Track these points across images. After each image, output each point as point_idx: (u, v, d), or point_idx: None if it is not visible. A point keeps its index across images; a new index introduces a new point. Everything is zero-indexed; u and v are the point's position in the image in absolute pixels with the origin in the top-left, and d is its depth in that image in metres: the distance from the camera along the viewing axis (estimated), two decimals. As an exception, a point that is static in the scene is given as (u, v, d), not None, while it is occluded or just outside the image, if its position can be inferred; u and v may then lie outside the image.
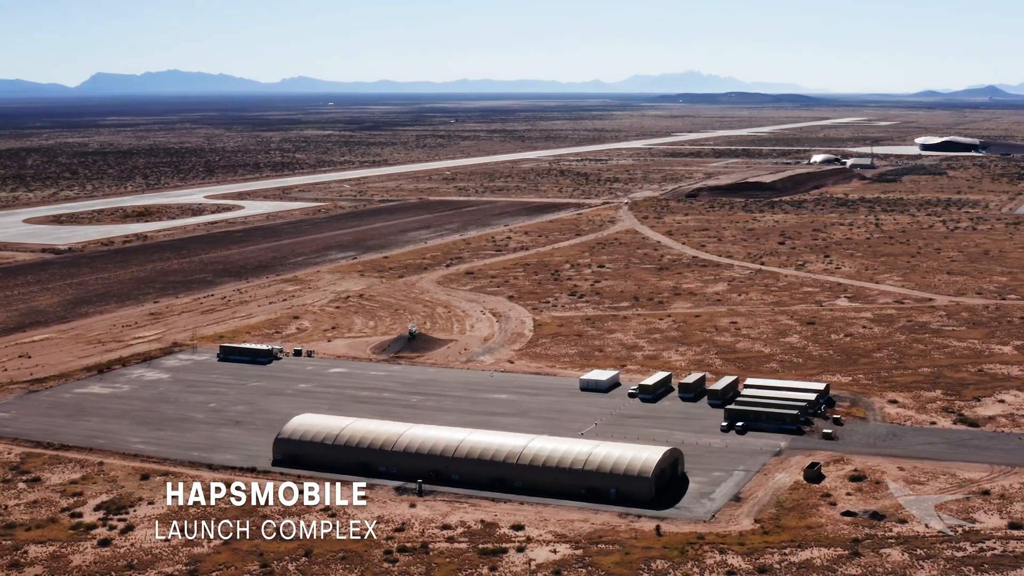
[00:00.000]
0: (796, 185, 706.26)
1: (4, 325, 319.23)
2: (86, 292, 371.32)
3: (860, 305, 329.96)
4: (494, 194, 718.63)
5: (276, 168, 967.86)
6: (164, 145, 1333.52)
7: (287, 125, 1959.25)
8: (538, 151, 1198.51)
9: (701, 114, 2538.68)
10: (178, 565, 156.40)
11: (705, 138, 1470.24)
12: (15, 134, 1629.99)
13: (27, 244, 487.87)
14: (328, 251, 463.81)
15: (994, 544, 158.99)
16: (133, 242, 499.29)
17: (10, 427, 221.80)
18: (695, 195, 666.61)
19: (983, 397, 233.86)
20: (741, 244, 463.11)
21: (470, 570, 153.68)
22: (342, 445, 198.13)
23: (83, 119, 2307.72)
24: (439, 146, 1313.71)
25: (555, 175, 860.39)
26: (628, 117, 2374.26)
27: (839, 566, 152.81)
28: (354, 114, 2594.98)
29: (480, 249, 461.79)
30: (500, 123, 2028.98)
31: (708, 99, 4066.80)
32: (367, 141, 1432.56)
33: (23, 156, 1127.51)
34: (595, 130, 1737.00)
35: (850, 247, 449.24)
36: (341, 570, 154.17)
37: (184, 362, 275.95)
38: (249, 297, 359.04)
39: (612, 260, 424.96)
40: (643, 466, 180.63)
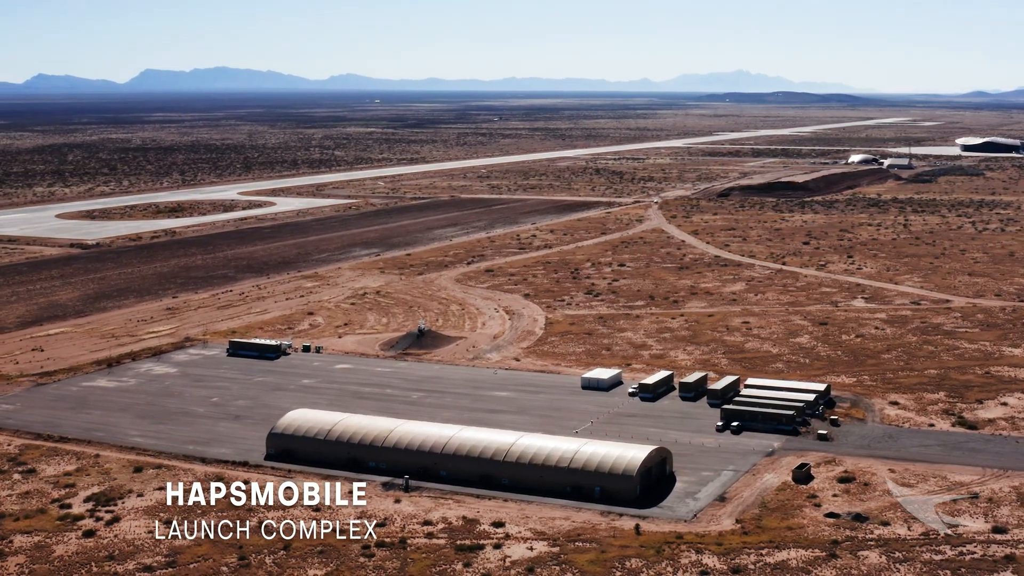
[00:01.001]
0: (829, 185, 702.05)
1: (22, 319, 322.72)
2: (107, 287, 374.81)
3: (876, 306, 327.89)
4: (526, 192, 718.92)
5: (313, 165, 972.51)
6: (206, 141, 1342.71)
7: (331, 122, 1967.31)
8: (577, 149, 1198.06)
9: (746, 113, 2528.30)
10: (157, 556, 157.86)
11: (746, 137, 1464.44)
12: (60, 130, 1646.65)
13: (56, 239, 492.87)
14: (352, 248, 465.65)
15: (974, 548, 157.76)
16: (161, 238, 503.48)
17: (13, 419, 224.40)
18: (726, 194, 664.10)
19: (986, 400, 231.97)
20: (765, 244, 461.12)
21: (444, 566, 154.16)
22: (333, 441, 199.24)
23: (130, 115, 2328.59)
24: (479, 144, 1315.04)
25: (590, 173, 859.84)
26: (672, 116, 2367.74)
27: (814, 568, 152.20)
28: (399, 112, 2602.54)
29: (503, 247, 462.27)
30: (543, 121, 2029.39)
31: (755, 98, 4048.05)
32: (408, 139, 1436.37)
33: (65, 152, 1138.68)
34: (637, 129, 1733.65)
35: (875, 248, 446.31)
36: (317, 564, 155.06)
37: (193, 357, 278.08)
38: (267, 293, 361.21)
39: (633, 259, 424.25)
40: (628, 465, 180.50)
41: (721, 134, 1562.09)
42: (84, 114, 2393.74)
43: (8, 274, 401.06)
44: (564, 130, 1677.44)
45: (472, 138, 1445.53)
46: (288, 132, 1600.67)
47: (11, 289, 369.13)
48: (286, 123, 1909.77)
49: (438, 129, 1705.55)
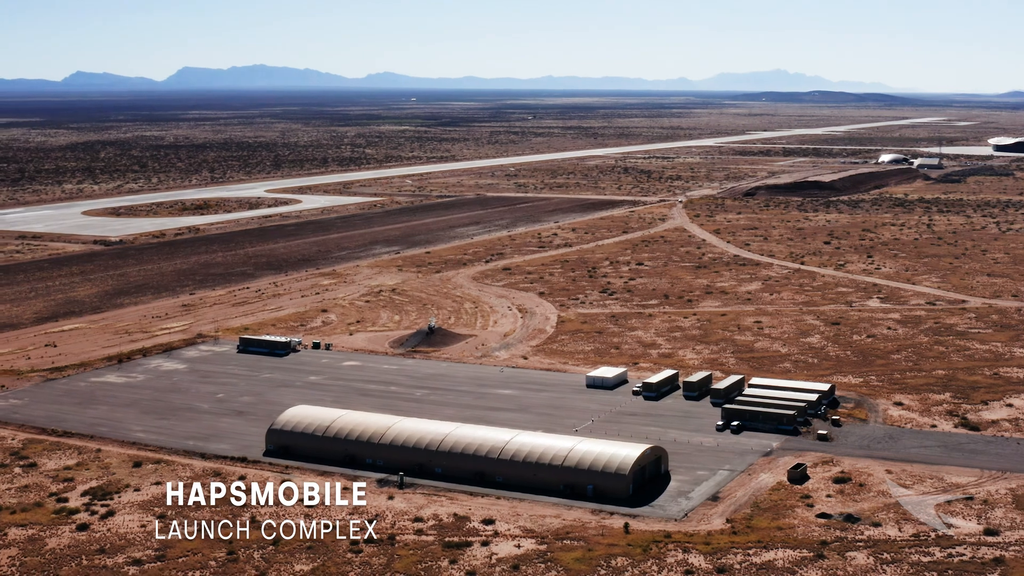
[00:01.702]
0: (856, 185, 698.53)
1: (39, 315, 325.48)
2: (126, 283, 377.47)
3: (890, 306, 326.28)
4: (553, 191, 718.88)
5: (343, 163, 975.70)
6: (239, 139, 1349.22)
7: (365, 120, 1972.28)
8: (608, 148, 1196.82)
9: (781, 112, 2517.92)
10: (147, 550, 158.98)
11: (778, 136, 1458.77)
12: (96, 127, 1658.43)
13: (80, 236, 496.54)
14: (373, 246, 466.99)
15: (964, 550, 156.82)
16: (184, 235, 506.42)
17: (19, 414, 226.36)
18: (752, 194, 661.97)
19: (992, 401, 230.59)
20: (786, 243, 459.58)
21: (430, 562, 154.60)
22: (331, 437, 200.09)
23: (166, 113, 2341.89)
24: (511, 142, 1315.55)
25: (618, 172, 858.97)
26: (707, 115, 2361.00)
27: (800, 568, 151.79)
28: (434, 110, 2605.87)
29: (523, 245, 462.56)
30: (577, 120, 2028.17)
31: (791, 98, 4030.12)
32: (440, 137, 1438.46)
33: (98, 149, 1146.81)
34: (670, 128, 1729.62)
35: (896, 248, 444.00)
36: (304, 560, 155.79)
37: (204, 353, 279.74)
38: (283, 290, 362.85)
39: (652, 258, 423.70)
40: (621, 464, 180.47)
41: (754, 133, 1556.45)
42: (121, 111, 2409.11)
43: (29, 270, 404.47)
44: (597, 129, 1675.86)
45: (504, 136, 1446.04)
46: (321, 130, 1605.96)
47: (30, 285, 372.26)
48: (320, 121, 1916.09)
49: (471, 127, 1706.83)
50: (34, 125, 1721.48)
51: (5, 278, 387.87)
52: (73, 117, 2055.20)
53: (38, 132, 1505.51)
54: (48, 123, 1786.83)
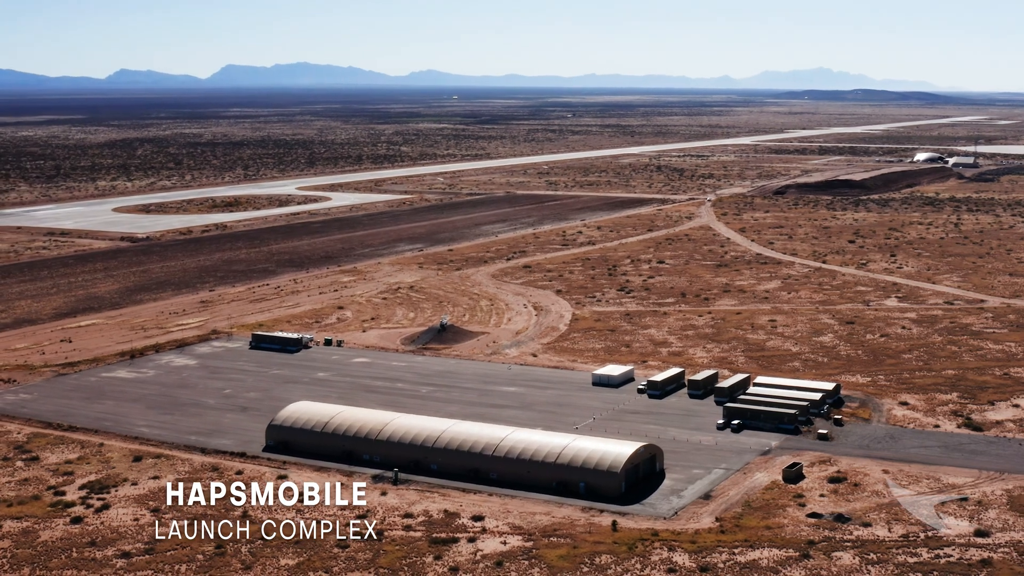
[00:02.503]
0: (887, 183, 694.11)
1: (58, 311, 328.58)
2: (147, 280, 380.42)
3: (908, 305, 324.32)
4: (583, 189, 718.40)
5: (377, 161, 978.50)
6: (277, 137, 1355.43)
7: (405, 118, 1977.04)
8: (644, 146, 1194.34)
9: (821, 111, 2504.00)
10: (137, 544, 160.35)
11: (816, 135, 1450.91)
12: (136, 124, 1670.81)
13: (107, 232, 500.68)
14: (397, 243, 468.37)
15: (952, 551, 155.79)
16: (211, 232, 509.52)
17: (28, 408, 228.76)
18: (782, 192, 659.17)
19: (999, 401, 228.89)
20: (811, 242, 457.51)
21: (415, 558, 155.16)
22: (329, 433, 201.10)
23: (208, 111, 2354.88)
24: (547, 140, 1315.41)
25: (651, 170, 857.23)
26: (748, 113, 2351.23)
27: (784, 568, 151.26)
28: (475, 108, 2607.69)
29: (547, 243, 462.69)
30: (616, 118, 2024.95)
31: (834, 96, 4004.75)
32: (477, 135, 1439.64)
33: (135, 146, 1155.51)
34: (708, 126, 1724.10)
35: (920, 247, 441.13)
36: (291, 554, 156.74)
37: (216, 349, 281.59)
38: (302, 287, 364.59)
39: (674, 256, 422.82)
40: (613, 461, 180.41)
41: (791, 131, 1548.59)
42: (163, 109, 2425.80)
43: (53, 266, 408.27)
44: (635, 127, 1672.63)
45: (541, 135, 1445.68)
46: (360, 128, 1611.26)
47: (53, 281, 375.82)
48: (360, 119, 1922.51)
49: (509, 125, 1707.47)
50: (75, 123, 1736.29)
51: (29, 274, 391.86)
52: (114, 115, 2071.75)
53: (78, 129, 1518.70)
54: (89, 121, 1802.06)
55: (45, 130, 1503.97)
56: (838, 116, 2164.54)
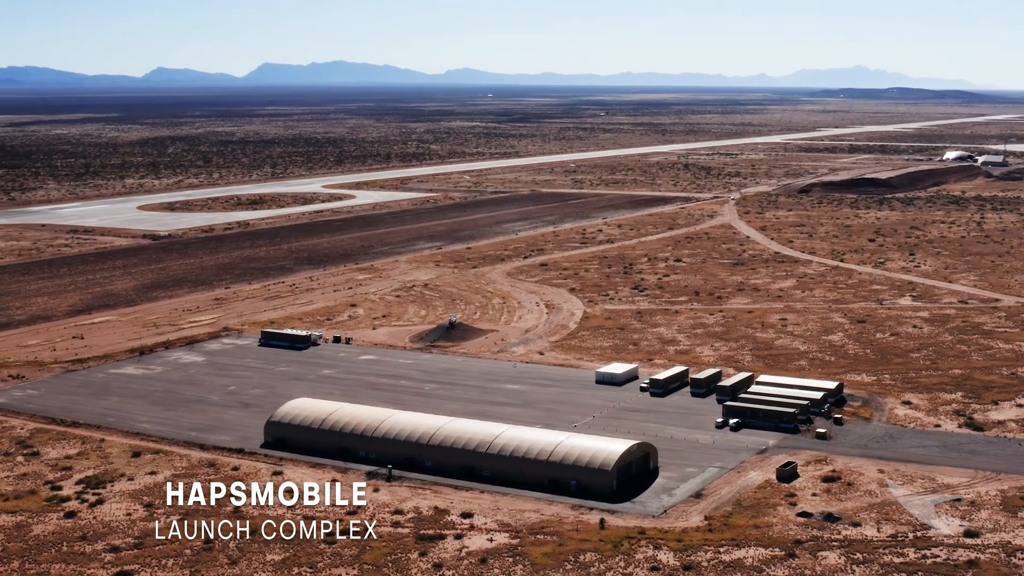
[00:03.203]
0: (913, 182, 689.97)
1: (73, 307, 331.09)
2: (164, 277, 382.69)
3: (921, 304, 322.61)
4: (608, 187, 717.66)
5: (405, 159, 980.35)
6: (308, 135, 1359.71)
7: (438, 116, 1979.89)
8: (674, 145, 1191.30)
9: (855, 109, 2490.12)
10: (127, 538, 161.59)
11: (848, 133, 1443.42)
12: (170, 123, 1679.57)
13: (129, 230, 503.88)
14: (417, 241, 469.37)
15: (939, 551, 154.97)
16: (233, 230, 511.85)
17: (33, 404, 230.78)
18: (807, 191, 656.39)
19: (1003, 401, 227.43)
20: (831, 241, 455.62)
21: (400, 555, 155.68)
22: (327, 430, 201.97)
23: (242, 109, 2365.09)
24: (577, 139, 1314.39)
25: (678, 169, 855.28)
26: (781, 111, 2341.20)
27: (768, 567, 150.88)
28: (508, 106, 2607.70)
29: (566, 241, 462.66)
30: (649, 116, 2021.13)
31: (870, 94, 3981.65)
32: (508, 133, 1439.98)
33: (167, 144, 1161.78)
34: (741, 124, 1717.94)
35: (940, 245, 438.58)
36: (278, 549, 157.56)
37: (226, 346, 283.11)
38: (317, 285, 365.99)
39: (692, 254, 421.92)
40: (604, 459, 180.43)
41: (824, 130, 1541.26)
42: (198, 107, 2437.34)
43: (73, 264, 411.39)
44: (667, 125, 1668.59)
45: (572, 133, 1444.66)
46: (392, 126, 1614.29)
47: (71, 279, 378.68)
48: (392, 117, 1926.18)
49: (541, 124, 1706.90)
50: (109, 121, 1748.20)
51: (49, 271, 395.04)
52: (150, 113, 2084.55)
53: (112, 128, 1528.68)
54: (124, 119, 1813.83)
55: (79, 128, 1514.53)
56: (871, 114, 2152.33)
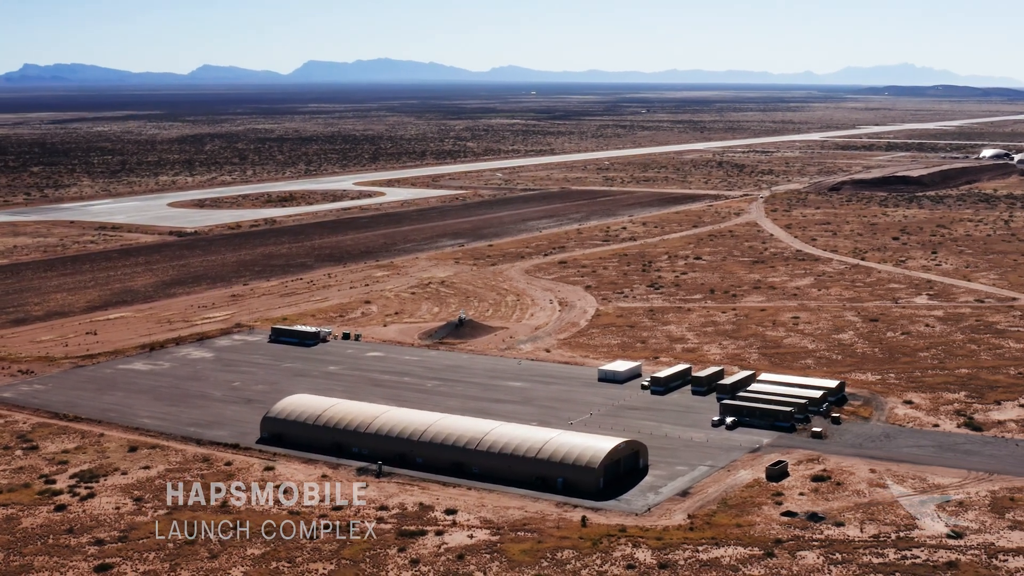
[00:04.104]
0: (946, 180, 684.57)
1: (91, 303, 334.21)
2: (185, 274, 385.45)
3: (936, 303, 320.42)
4: (639, 184, 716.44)
5: (440, 156, 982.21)
6: (347, 132, 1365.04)
7: (479, 114, 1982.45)
8: (711, 142, 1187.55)
9: (898, 107, 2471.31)
10: (112, 532, 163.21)
11: (887, 131, 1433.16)
12: (211, 120, 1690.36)
13: (157, 227, 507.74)
14: (440, 238, 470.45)
15: (920, 552, 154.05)
16: (260, 226, 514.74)
17: (38, 398, 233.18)
18: (837, 189, 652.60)
19: (1006, 401, 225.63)
20: (855, 239, 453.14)
21: (379, 550, 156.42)
22: (321, 426, 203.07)
23: (285, 106, 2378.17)
24: (615, 136, 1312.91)
25: (712, 167, 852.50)
26: (824, 109, 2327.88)
27: (745, 566, 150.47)
28: (551, 103, 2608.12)
29: (588, 239, 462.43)
30: (690, 114, 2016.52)
31: (914, 92, 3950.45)
32: (546, 130, 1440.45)
33: (205, 141, 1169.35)
34: (781, 122, 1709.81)
35: (964, 244, 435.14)
36: (259, 544, 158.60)
37: (235, 342, 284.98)
38: (335, 282, 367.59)
39: (713, 252, 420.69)
40: (591, 457, 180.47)
41: (863, 128, 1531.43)
42: (242, 104, 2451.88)
43: (96, 260, 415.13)
44: (707, 123, 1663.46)
45: (610, 130, 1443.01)
46: (432, 123, 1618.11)
47: (92, 275, 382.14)
48: (434, 115, 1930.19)
49: (581, 121, 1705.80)
50: (152, 118, 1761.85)
51: (72, 268, 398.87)
52: (192, 110, 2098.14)
53: (153, 125, 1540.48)
54: (166, 116, 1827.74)
55: (121, 125, 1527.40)
56: (914, 112, 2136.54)
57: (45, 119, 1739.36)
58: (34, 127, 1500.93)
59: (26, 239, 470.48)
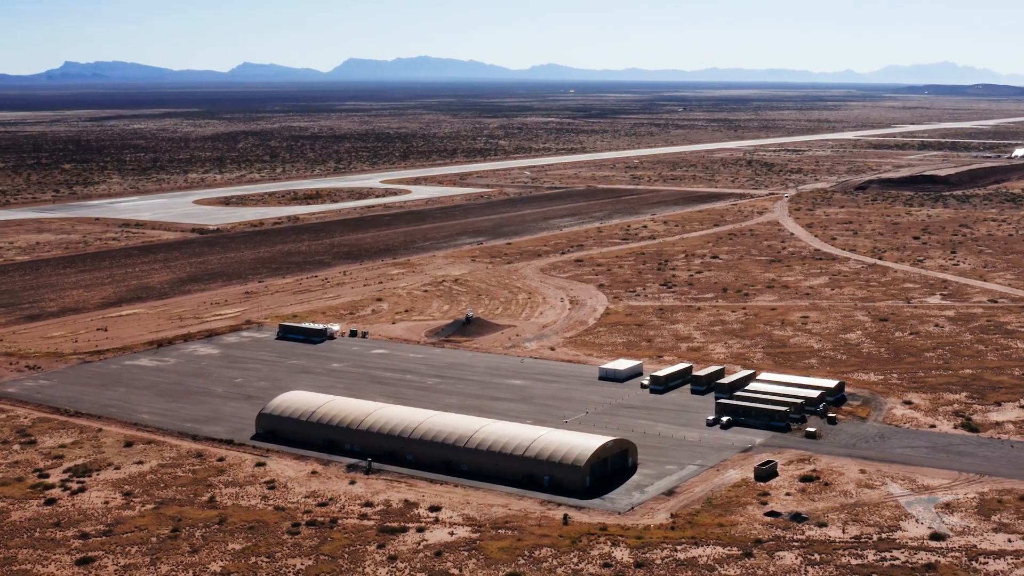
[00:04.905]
0: (973, 179, 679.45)
1: (106, 300, 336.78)
2: (202, 271, 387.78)
3: (949, 303, 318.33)
4: (665, 183, 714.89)
5: (471, 154, 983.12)
6: (381, 130, 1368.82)
7: (514, 112, 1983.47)
8: (744, 141, 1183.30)
9: (936, 106, 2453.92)
10: (99, 525, 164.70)
11: (921, 130, 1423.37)
12: (248, 118, 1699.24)
13: (180, 224, 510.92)
14: (460, 236, 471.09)
15: (900, 554, 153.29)
16: (282, 224, 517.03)
17: (42, 394, 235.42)
18: (864, 188, 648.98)
19: (1007, 402, 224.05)
20: (875, 238, 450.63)
21: (359, 546, 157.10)
22: (314, 423, 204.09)
23: (323, 104, 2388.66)
24: (648, 135, 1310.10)
25: (741, 165, 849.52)
26: (861, 108, 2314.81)
27: (721, 566, 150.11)
28: (588, 102, 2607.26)
29: (607, 237, 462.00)
30: (726, 113, 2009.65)
31: (954, 91, 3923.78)
32: (580, 129, 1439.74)
33: (238, 139, 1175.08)
34: (816, 121, 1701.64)
35: (984, 243, 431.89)
36: (241, 538, 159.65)
37: (243, 339, 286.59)
38: (349, 279, 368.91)
39: (731, 251, 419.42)
40: (578, 456, 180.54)
41: (899, 127, 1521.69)
42: (280, 102, 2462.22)
43: (116, 257, 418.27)
44: (742, 121, 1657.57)
45: (644, 129, 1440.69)
46: (467, 121, 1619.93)
47: (109, 271, 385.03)
48: (469, 113, 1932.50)
49: (616, 120, 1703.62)
50: (189, 116, 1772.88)
51: (91, 264, 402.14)
52: (230, 108, 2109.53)
53: (190, 123, 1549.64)
54: (203, 114, 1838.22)
55: (158, 123, 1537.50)
56: (952, 111, 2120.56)
57: (83, 116, 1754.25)
58: (71, 124, 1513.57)
59: (50, 236, 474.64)
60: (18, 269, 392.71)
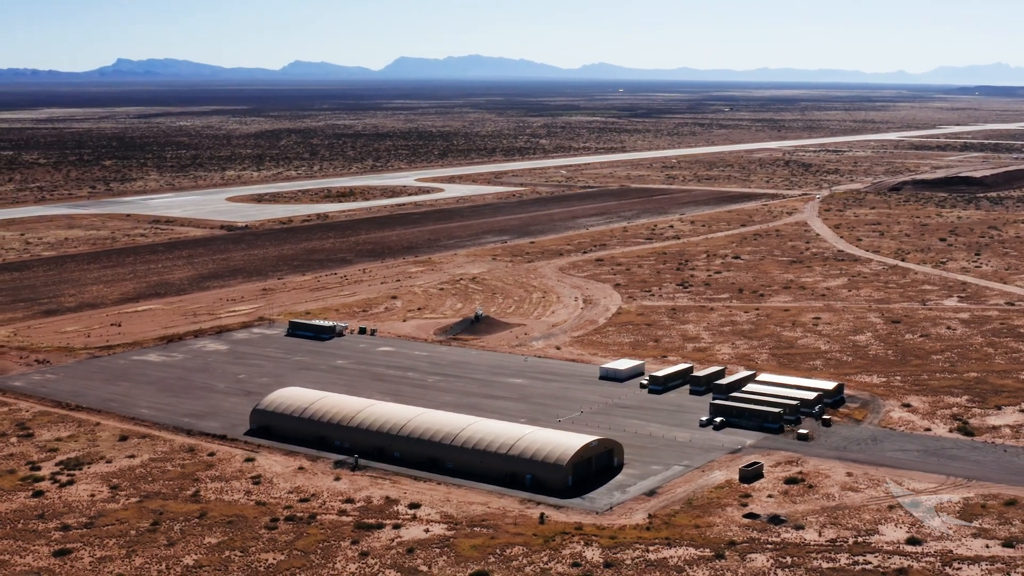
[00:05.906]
0: (1009, 181, 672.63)
1: (124, 296, 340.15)
2: (223, 267, 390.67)
3: (964, 305, 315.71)
4: (699, 183, 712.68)
5: (509, 153, 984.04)
6: (424, 129, 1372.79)
7: (560, 111, 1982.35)
8: (786, 141, 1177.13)
9: (984, 107, 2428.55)
10: (81, 518, 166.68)
11: (966, 131, 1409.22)
12: (294, 115, 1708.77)
13: (209, 221, 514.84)
14: (485, 235, 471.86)
15: (873, 558, 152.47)
16: (311, 221, 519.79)
17: (46, 388, 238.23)
18: (898, 189, 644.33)
19: (1007, 406, 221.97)
20: (900, 240, 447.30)
21: (333, 542, 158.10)
22: (307, 419, 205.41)
23: (371, 102, 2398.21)
24: (691, 135, 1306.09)
25: (778, 165, 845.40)
26: (909, 108, 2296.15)
27: (691, 568, 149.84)
28: (636, 101, 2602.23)
29: (632, 237, 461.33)
30: (772, 112, 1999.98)
31: (1006, 92, 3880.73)
32: (623, 128, 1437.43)
33: (281, 137, 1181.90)
34: (862, 121, 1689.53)
35: (1010, 246, 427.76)
36: (219, 532, 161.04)
37: (252, 335, 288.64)
38: (367, 277, 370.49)
39: (753, 252, 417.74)
40: (560, 455, 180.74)
41: (944, 127, 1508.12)
42: (329, 100, 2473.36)
43: (141, 253, 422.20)
44: (787, 121, 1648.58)
45: (687, 129, 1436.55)
46: (511, 120, 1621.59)
47: (131, 267, 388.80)
48: (515, 111, 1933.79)
49: (661, 119, 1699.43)
50: (236, 113, 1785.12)
51: (115, 260, 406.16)
52: (278, 105, 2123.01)
53: (236, 120, 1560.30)
54: (251, 112, 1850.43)
55: (204, 120, 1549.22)
56: (1000, 112, 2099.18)
57: (132, 113, 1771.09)
58: (118, 121, 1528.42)
59: (79, 232, 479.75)
60: (43, 264, 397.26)
